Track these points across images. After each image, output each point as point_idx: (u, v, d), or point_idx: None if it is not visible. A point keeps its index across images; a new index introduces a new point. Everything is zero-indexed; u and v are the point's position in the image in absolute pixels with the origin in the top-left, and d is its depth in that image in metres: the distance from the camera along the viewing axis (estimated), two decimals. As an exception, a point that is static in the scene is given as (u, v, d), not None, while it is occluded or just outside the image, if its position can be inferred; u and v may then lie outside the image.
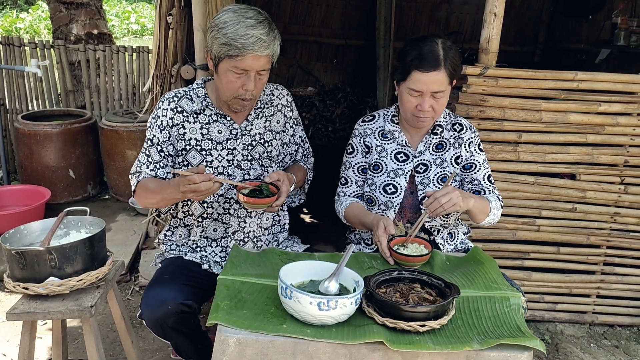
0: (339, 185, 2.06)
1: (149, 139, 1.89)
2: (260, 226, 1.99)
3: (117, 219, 3.77)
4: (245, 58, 1.70)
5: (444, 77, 1.78)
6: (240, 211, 1.95)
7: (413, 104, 1.83)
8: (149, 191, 1.80)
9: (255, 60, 1.71)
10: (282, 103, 2.01)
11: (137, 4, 15.14)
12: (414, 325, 1.37)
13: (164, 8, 2.51)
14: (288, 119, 2.03)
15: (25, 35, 10.64)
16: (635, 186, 2.60)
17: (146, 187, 1.82)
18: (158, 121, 1.87)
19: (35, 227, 1.83)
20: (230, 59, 1.71)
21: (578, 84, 2.42)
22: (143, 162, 1.88)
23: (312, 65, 5.95)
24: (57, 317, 1.64)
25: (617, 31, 4.21)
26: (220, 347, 1.35)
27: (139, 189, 1.86)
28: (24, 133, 3.91)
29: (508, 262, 2.70)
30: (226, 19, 1.71)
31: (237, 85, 1.76)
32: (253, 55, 1.70)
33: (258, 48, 1.69)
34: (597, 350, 2.64)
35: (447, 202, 1.70)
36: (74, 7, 5.21)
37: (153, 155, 1.87)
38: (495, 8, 2.28)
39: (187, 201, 1.92)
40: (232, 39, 1.68)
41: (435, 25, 5.64)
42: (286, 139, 2.04)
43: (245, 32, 1.68)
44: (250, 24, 1.69)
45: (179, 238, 1.99)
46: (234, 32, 1.68)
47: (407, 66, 1.80)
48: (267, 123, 1.97)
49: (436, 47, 1.78)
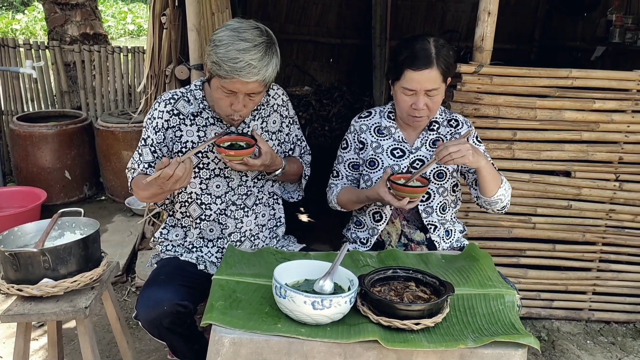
0: (331, 178, 2.08)
1: (143, 138, 1.89)
2: (257, 223, 1.99)
3: (113, 219, 3.76)
4: (232, 81, 1.66)
5: (437, 75, 1.78)
6: (237, 212, 1.95)
7: (408, 103, 1.84)
8: (140, 189, 1.81)
9: (243, 85, 1.66)
10: (278, 103, 2.01)
11: (134, 5, 15.13)
12: (408, 324, 1.37)
13: (157, 8, 2.50)
14: (284, 118, 2.03)
15: (20, 37, 10.61)
16: (630, 183, 2.60)
17: (138, 184, 1.83)
18: (153, 122, 1.87)
19: (29, 228, 1.83)
20: (219, 79, 1.68)
21: (572, 82, 2.43)
22: (136, 160, 1.89)
23: (308, 64, 5.95)
24: (51, 318, 1.64)
25: (612, 28, 4.22)
26: (214, 347, 1.35)
27: (133, 186, 1.88)
28: (20, 134, 3.90)
29: (504, 260, 2.70)
30: (222, 37, 1.66)
31: (226, 103, 1.74)
32: (239, 81, 1.65)
33: (246, 74, 1.63)
34: (593, 347, 2.65)
35: (456, 152, 1.68)
36: (69, 8, 5.19)
37: (145, 155, 1.88)
38: (489, 6, 2.28)
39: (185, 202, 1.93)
40: (222, 61, 1.63)
41: (431, 23, 5.64)
42: (282, 138, 2.04)
43: (236, 56, 1.62)
44: (243, 47, 1.63)
45: (175, 238, 1.99)
46: (225, 53, 1.63)
47: (400, 65, 1.80)
48: (263, 124, 1.97)
49: (428, 46, 1.78)
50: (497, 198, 1.86)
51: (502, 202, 1.89)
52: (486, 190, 1.84)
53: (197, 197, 1.91)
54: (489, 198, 1.86)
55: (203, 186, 1.91)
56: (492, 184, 1.82)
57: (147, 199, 1.86)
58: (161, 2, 2.50)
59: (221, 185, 1.92)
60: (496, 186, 1.83)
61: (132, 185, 1.89)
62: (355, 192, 1.97)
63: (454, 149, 1.68)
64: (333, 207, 2.06)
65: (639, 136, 2.53)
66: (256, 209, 1.99)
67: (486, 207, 1.94)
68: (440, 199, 1.97)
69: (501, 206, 1.91)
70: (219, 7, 2.42)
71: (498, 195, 1.85)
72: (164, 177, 1.61)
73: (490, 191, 1.84)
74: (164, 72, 2.58)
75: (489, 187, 1.83)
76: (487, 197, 1.87)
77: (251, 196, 1.97)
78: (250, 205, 1.97)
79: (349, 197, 1.98)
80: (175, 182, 1.63)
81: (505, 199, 1.89)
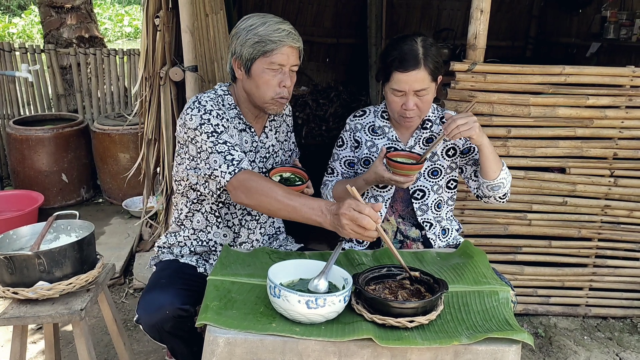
0: (325, 175, 2.09)
1: (212, 131, 1.70)
2: (262, 233, 2.01)
3: (110, 222, 3.77)
4: (281, 51, 1.72)
5: (425, 76, 1.79)
6: (251, 223, 1.96)
7: (398, 104, 1.85)
8: (272, 197, 1.57)
9: (291, 53, 1.75)
10: (286, 113, 2.05)
11: (130, 7, 15.13)
12: (403, 321, 1.37)
13: (151, 10, 2.50)
14: (289, 127, 2.07)
15: (17, 40, 10.60)
16: (625, 178, 2.61)
17: (261, 190, 1.59)
18: (213, 112, 1.73)
19: (24, 231, 1.83)
20: (266, 56, 1.72)
21: (565, 78, 2.43)
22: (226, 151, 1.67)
23: (304, 64, 5.90)
24: (47, 321, 1.64)
25: (607, 24, 4.24)
26: (209, 347, 1.35)
27: (242, 185, 1.62)
28: (16, 138, 3.90)
29: (500, 257, 2.71)
30: (253, 22, 1.75)
31: (274, 83, 1.76)
32: (289, 47, 1.73)
33: (292, 39, 1.73)
34: (590, 342, 2.65)
35: (463, 124, 1.71)
36: (64, 12, 5.20)
37: (228, 139, 1.70)
38: (482, 4, 2.28)
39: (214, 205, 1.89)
40: (267, 35, 1.71)
41: (426, 22, 5.65)
42: (287, 147, 2.08)
43: (277, 27, 1.73)
44: (277, 20, 1.75)
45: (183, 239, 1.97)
46: (266, 29, 1.72)
47: (388, 67, 1.82)
48: (277, 134, 2.00)
49: (415, 46, 1.79)
50: (499, 181, 1.85)
51: (504, 188, 1.88)
52: (488, 171, 1.83)
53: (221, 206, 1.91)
54: (491, 181, 1.84)
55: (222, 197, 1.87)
56: (494, 164, 1.81)
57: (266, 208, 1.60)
58: (154, 4, 2.50)
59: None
60: (498, 168, 1.83)
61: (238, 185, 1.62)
62: (351, 180, 1.97)
63: (461, 121, 1.71)
64: None
65: (633, 132, 2.54)
66: (266, 220, 2.01)
67: (488, 193, 1.90)
68: (435, 197, 1.98)
69: (503, 192, 1.89)
70: (213, 8, 2.42)
71: (500, 179, 1.84)
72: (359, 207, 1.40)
73: (493, 172, 1.82)
74: (159, 74, 2.58)
75: (491, 167, 1.81)
76: (490, 180, 1.84)
77: None
78: (264, 218, 1.99)
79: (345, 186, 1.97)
80: (352, 222, 1.41)
81: (507, 184, 1.88)
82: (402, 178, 1.79)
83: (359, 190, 1.93)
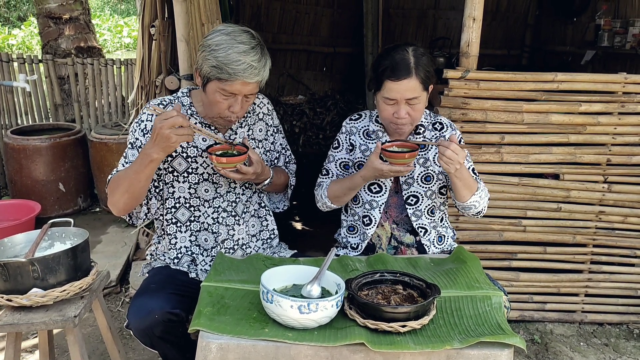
0: (320, 176, 2.09)
1: (130, 142, 1.88)
2: (248, 233, 2.01)
3: (107, 230, 3.77)
4: (234, 83, 1.71)
5: (417, 84, 1.81)
6: (228, 219, 1.96)
7: (390, 112, 1.86)
8: (120, 178, 1.78)
9: (244, 86, 1.73)
10: (264, 112, 2.05)
11: (129, 18, 15.21)
12: (395, 326, 1.38)
13: (147, 20, 2.53)
14: (269, 127, 2.06)
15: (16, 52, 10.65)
16: (619, 184, 2.62)
17: (117, 176, 1.81)
18: (142, 125, 1.87)
19: (19, 239, 1.84)
20: (219, 82, 1.72)
21: (558, 85, 2.45)
22: (120, 163, 1.87)
23: (301, 73, 5.99)
24: (40, 328, 1.64)
25: (601, 32, 4.27)
26: (202, 353, 1.36)
27: (110, 185, 1.82)
28: (14, 148, 3.91)
29: (496, 263, 2.71)
30: (219, 42, 1.72)
31: (224, 106, 1.78)
32: (242, 82, 1.71)
33: (248, 75, 1.70)
34: (586, 348, 2.65)
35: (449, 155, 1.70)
36: (62, 22, 5.24)
37: (130, 157, 1.86)
38: (474, 12, 2.31)
39: (172, 207, 1.93)
40: (224, 64, 1.69)
41: (422, 31, 5.70)
42: (268, 147, 2.07)
43: (237, 58, 1.69)
44: (242, 49, 1.70)
45: (166, 249, 1.99)
46: (225, 56, 1.69)
47: (380, 76, 1.84)
48: (250, 131, 2.00)
49: (407, 56, 1.81)
50: (470, 204, 1.90)
51: (477, 208, 1.93)
52: (457, 195, 1.89)
53: (185, 202, 1.93)
54: (462, 203, 1.90)
55: (192, 190, 1.92)
56: (464, 190, 1.86)
57: (121, 194, 1.78)
58: (150, 14, 2.53)
59: (209, 190, 1.94)
60: (469, 193, 1.86)
61: (109, 185, 1.82)
62: (347, 178, 1.97)
63: (450, 153, 1.71)
64: (323, 203, 2.04)
65: (626, 138, 2.55)
66: (246, 217, 2.00)
67: (461, 211, 1.98)
68: (429, 202, 1.99)
69: (475, 212, 1.95)
70: (208, 18, 2.44)
71: (471, 202, 1.89)
72: (165, 115, 1.61)
73: (462, 197, 1.88)
74: (154, 83, 2.60)
75: (460, 193, 1.87)
76: (460, 202, 1.91)
77: (239, 204, 1.98)
78: (239, 214, 1.98)
79: (341, 185, 1.97)
80: (170, 128, 1.61)
81: (480, 205, 1.92)
82: (401, 167, 1.81)
83: (355, 187, 1.96)
